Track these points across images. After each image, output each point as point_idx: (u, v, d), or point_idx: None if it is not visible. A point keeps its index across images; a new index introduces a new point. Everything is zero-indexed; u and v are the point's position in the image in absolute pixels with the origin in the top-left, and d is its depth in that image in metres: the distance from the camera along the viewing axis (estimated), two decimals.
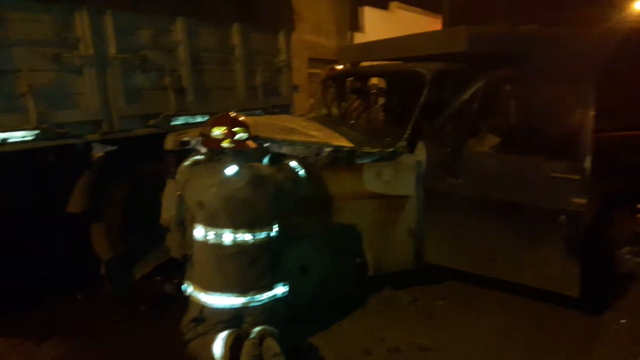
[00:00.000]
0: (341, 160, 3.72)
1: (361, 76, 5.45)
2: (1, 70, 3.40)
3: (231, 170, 3.06)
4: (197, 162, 3.24)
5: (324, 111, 5.41)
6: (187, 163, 3.25)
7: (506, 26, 4.30)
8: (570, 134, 3.27)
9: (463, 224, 3.69)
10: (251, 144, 3.19)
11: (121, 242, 4.26)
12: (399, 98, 4.74)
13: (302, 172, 3.27)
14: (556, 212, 3.32)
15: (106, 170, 4.21)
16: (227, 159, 3.11)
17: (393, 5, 20.48)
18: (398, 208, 3.73)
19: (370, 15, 19.59)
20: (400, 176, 3.70)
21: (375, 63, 5.53)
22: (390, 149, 3.72)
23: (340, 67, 6.34)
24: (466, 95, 3.73)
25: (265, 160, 3.31)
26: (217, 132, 3.13)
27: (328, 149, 3.66)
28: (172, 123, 4.53)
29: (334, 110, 5.44)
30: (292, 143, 3.62)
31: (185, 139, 3.49)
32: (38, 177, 3.95)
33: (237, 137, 3.12)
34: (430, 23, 21.06)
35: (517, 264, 3.58)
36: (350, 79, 5.82)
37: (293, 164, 3.29)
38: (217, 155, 3.16)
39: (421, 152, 3.76)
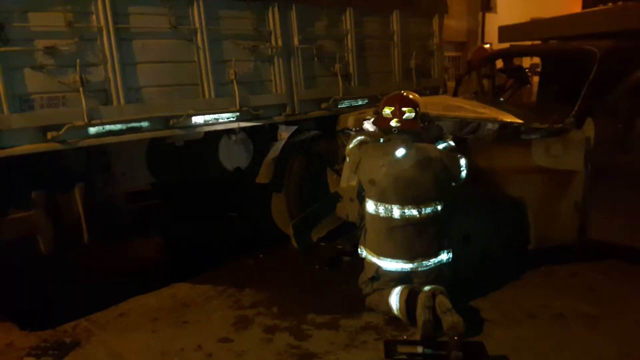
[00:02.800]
0: (509, 135, 3.92)
1: (519, 55, 5.52)
2: (216, 61, 4.08)
3: (400, 152, 3.39)
4: (363, 142, 3.61)
5: (475, 90, 5.60)
6: (353, 145, 3.62)
7: None
8: None
9: (634, 200, 3.71)
10: (417, 123, 3.48)
11: (297, 210, 4.85)
12: (562, 76, 4.77)
13: (463, 160, 3.47)
14: None
15: (287, 148, 4.80)
16: (397, 140, 3.42)
17: None
18: (566, 182, 3.84)
19: None
20: (569, 151, 3.80)
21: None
22: (559, 125, 3.84)
23: (487, 46, 6.45)
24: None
25: (440, 145, 3.56)
26: (387, 111, 3.49)
27: (498, 124, 3.88)
28: (339, 106, 5.03)
29: (487, 89, 5.60)
30: (462, 119, 3.89)
31: (369, 117, 3.91)
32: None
33: (405, 116, 3.45)
34: (567, 2, 19.66)
35: None
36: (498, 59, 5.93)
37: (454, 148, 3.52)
38: (386, 133, 3.51)
39: (589, 129, 3.83)
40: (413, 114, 3.45)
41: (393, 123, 3.44)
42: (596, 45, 4.05)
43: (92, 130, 3.50)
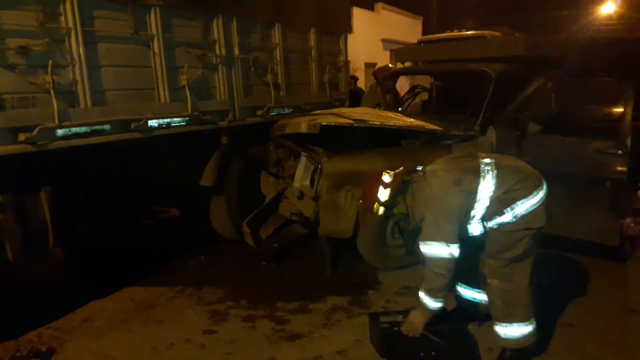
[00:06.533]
0: (432, 141, 4.66)
1: (418, 74, 6.39)
2: (170, 67, 4.20)
3: None
4: None
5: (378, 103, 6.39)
6: None
7: (552, 34, 5.30)
8: (614, 120, 4.29)
9: None
10: None
11: (237, 212, 5.08)
12: (459, 92, 5.70)
13: None
14: (603, 179, 4.32)
15: (228, 152, 5.01)
16: None
17: (378, 6, 21.46)
18: None
19: (358, 16, 20.44)
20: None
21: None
22: (471, 132, 4.67)
23: (391, 65, 7.34)
24: (529, 90, 4.73)
25: None
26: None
27: (426, 132, 4.59)
28: (271, 113, 5.39)
29: (389, 102, 6.40)
30: (399, 128, 4.53)
31: (324, 123, 4.34)
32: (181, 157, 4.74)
33: None
34: (412, 24, 22.28)
35: (570, 222, 4.55)
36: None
37: None
38: None
39: (491, 135, 4.72)
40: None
41: None
42: (490, 67, 5.00)
43: (60, 132, 3.44)
